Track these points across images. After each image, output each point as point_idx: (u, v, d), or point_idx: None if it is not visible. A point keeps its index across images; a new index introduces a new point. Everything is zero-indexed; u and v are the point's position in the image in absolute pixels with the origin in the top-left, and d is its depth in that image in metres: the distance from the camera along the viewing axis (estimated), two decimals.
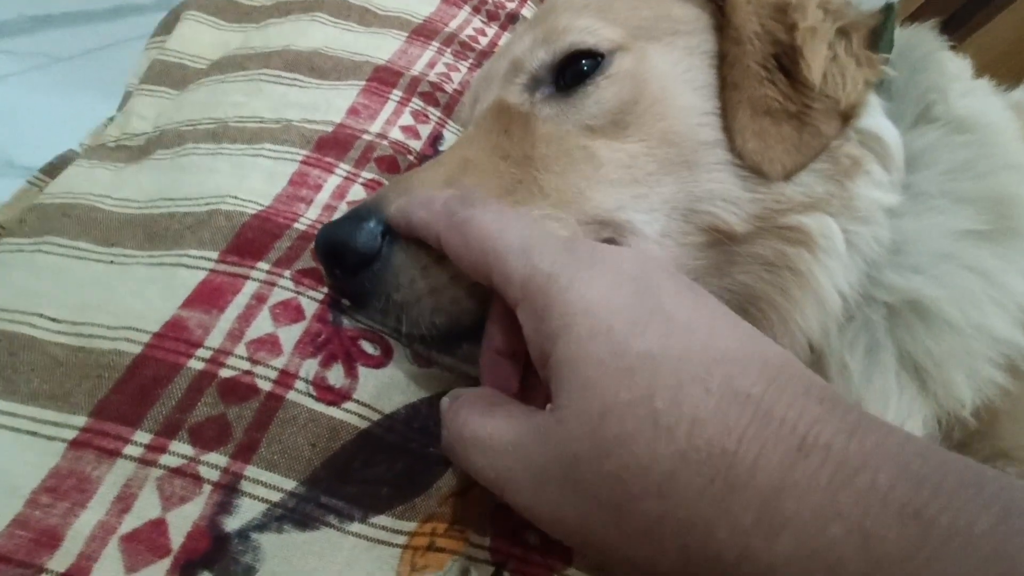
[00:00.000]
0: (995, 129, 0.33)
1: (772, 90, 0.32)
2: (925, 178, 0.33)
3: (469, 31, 0.57)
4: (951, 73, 0.35)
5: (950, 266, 0.31)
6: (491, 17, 0.61)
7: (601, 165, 0.31)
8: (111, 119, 0.48)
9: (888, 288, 0.31)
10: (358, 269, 0.29)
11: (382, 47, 0.49)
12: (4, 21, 1.35)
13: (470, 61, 0.53)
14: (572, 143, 0.32)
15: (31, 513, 0.22)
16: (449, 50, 0.53)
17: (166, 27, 0.54)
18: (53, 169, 0.42)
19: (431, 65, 0.50)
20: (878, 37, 0.35)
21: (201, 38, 0.52)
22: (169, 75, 0.49)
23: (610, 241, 0.32)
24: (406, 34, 0.51)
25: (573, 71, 0.33)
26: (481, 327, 0.30)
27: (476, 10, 0.60)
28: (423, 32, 0.52)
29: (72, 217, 0.34)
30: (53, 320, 0.28)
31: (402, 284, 0.29)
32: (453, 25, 0.56)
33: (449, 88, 0.49)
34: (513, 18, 0.63)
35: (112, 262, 0.32)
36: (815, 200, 0.31)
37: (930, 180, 0.33)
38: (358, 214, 0.30)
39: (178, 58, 0.50)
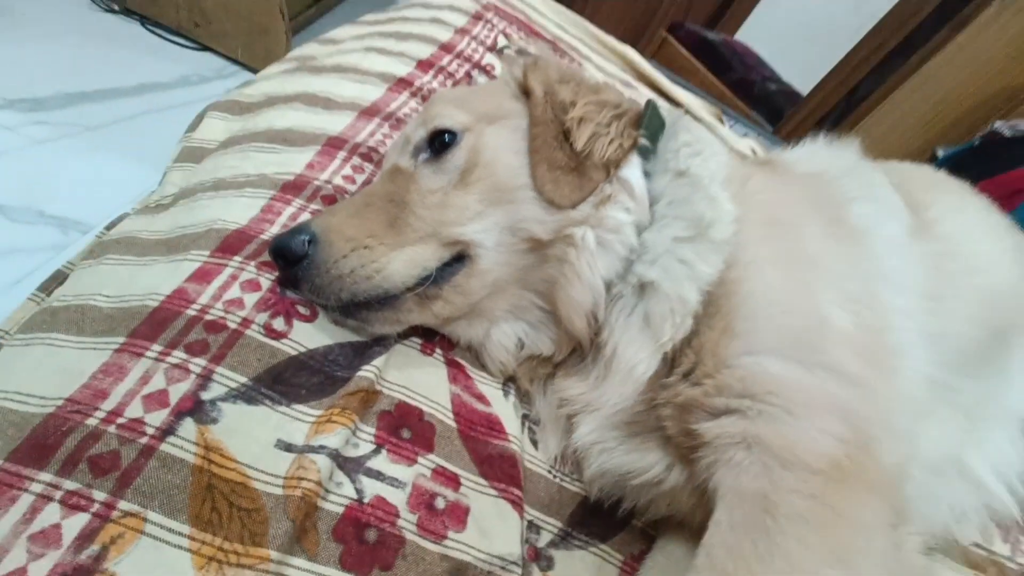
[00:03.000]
0: (701, 176, 0.52)
1: (561, 153, 0.51)
2: (661, 206, 0.52)
3: (405, 110, 0.78)
4: (683, 141, 0.55)
5: (669, 259, 0.48)
6: (425, 100, 0.82)
7: (451, 207, 0.50)
8: (153, 192, 0.65)
9: (637, 275, 0.49)
10: (294, 264, 0.46)
11: (337, 123, 0.69)
12: (44, 97, 1.60)
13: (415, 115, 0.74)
14: (435, 195, 0.50)
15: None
16: (387, 124, 0.73)
17: (192, 126, 0.75)
18: (112, 224, 0.60)
19: (371, 134, 0.70)
20: (643, 119, 0.55)
21: (216, 128, 0.72)
22: (193, 155, 0.68)
23: (462, 253, 0.50)
24: (356, 113, 0.72)
25: (439, 141, 0.52)
26: (369, 302, 0.47)
27: (414, 95, 0.81)
28: (369, 112, 0.73)
29: (123, 243, 0.53)
30: (107, 296, 0.46)
31: (320, 273, 0.46)
32: (393, 106, 0.77)
33: (383, 151, 0.69)
34: None
35: (146, 265, 0.50)
36: (584, 218, 0.50)
37: (663, 208, 0.51)
38: (296, 230, 0.47)
39: (200, 144, 0.70)
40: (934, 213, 0.66)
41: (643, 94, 1.32)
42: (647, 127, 0.55)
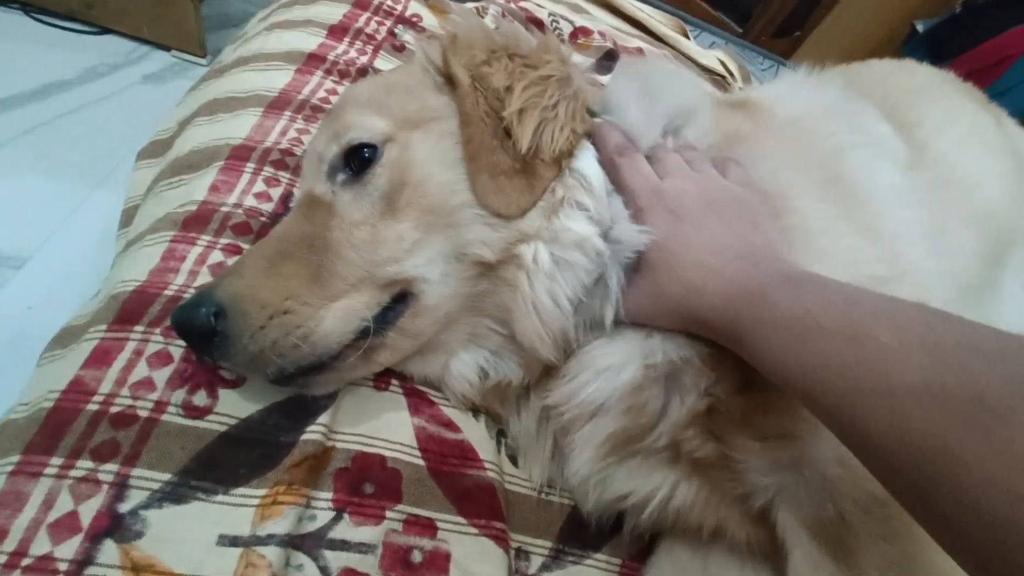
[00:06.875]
0: None
1: (503, 155, 0.42)
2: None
3: (321, 93, 0.67)
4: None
5: None
6: (343, 75, 0.71)
7: (383, 242, 0.41)
8: None
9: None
10: (203, 341, 0.38)
11: (240, 127, 0.60)
12: None
13: (321, 121, 0.64)
14: (361, 229, 0.41)
15: None
16: (300, 116, 0.63)
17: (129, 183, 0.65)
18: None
19: (283, 133, 0.61)
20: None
21: (144, 179, 0.62)
22: (131, 217, 0.58)
23: (404, 292, 0.42)
24: (262, 110, 0.62)
25: (358, 159, 0.43)
26: (298, 373, 0.39)
27: (328, 72, 0.70)
28: (277, 104, 0.63)
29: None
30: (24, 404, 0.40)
31: (238, 349, 0.38)
32: (305, 91, 0.66)
33: (299, 151, 0.60)
34: (364, 72, 0.73)
35: (55, 361, 0.43)
36: (534, 232, 0.42)
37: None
38: (197, 300, 0.39)
39: (132, 203, 0.61)
40: (925, 132, 0.59)
41: (596, 18, 1.18)
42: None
